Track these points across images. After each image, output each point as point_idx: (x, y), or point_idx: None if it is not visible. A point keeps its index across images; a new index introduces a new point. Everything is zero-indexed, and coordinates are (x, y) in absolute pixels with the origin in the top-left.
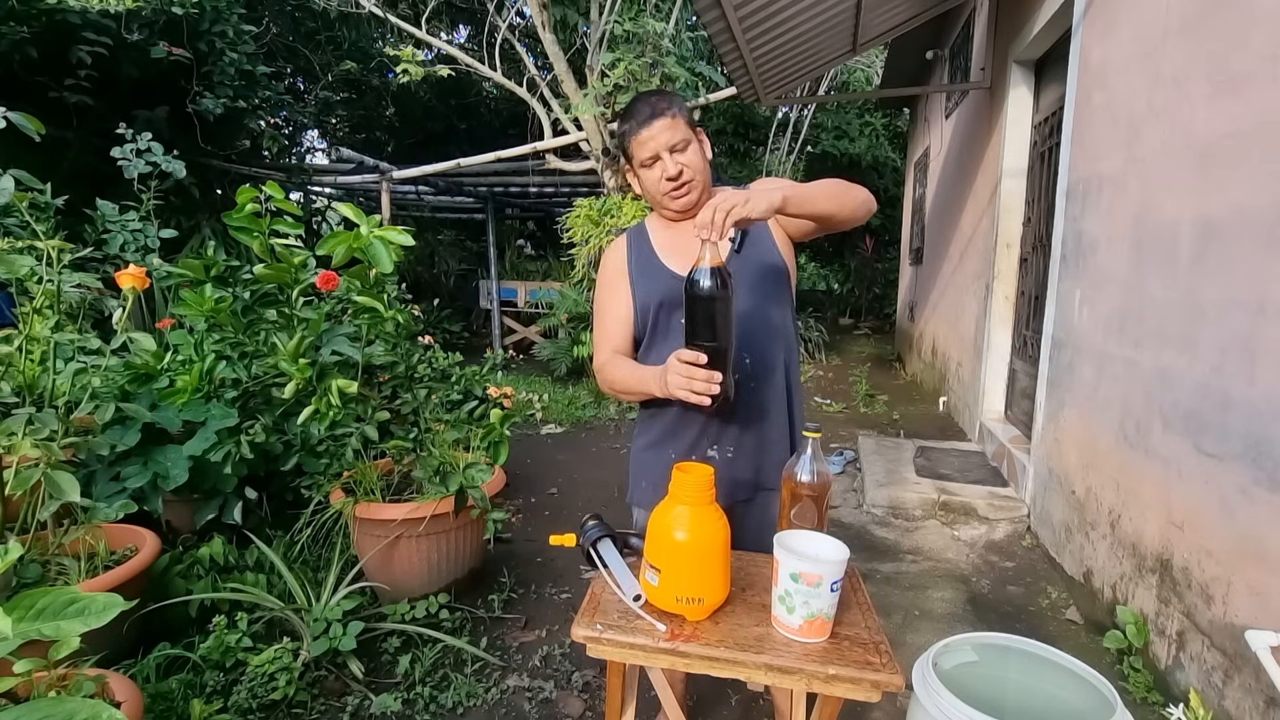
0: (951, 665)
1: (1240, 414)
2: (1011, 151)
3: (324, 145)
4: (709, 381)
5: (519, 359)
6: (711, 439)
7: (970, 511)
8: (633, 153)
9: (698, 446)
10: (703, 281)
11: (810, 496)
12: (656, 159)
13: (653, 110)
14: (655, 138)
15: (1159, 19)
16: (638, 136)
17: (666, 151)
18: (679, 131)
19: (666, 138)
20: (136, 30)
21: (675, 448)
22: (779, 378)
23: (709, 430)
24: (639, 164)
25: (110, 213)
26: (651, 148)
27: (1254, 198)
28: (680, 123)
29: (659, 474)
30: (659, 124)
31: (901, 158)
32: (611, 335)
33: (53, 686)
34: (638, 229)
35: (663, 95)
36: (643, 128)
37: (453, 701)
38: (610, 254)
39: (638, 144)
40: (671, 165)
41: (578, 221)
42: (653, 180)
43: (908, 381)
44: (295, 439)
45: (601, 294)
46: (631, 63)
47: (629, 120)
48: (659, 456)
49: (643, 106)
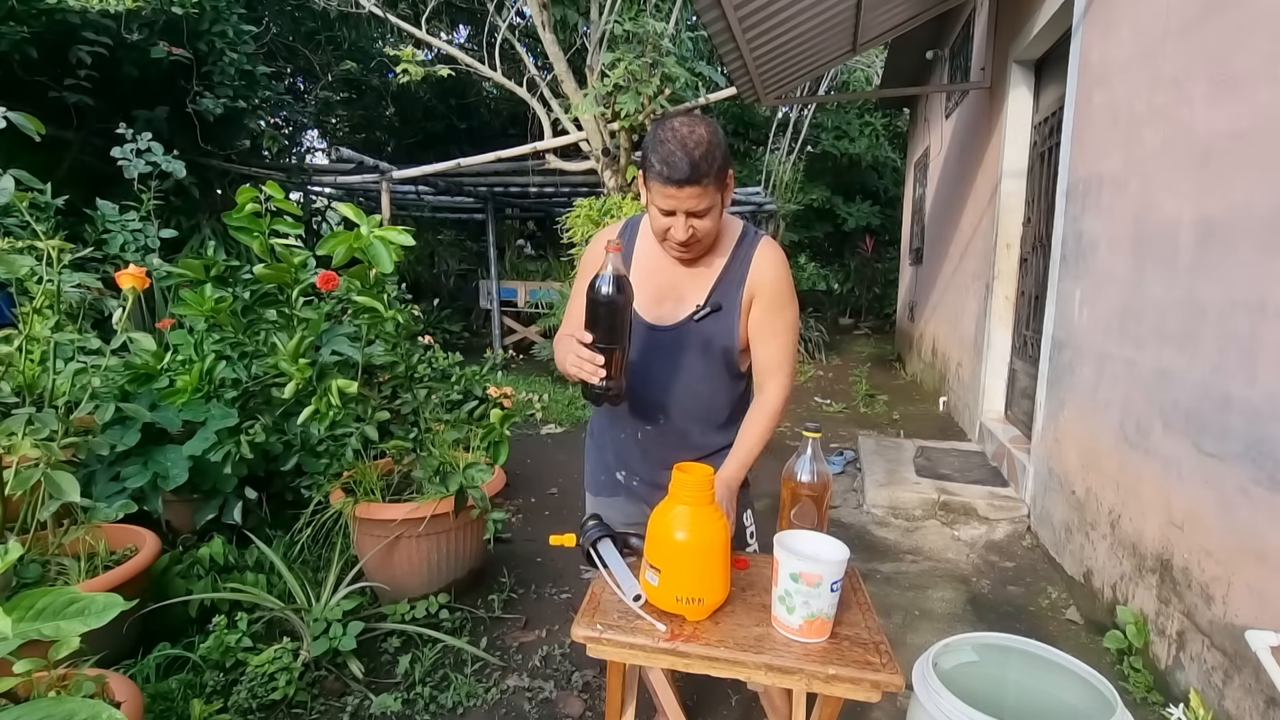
0: (951, 665)
1: (1240, 414)
2: (1011, 151)
3: (324, 145)
4: (595, 368)
5: (519, 359)
6: (621, 467)
7: (970, 511)
8: (651, 188)
9: (613, 465)
10: (603, 288)
11: (810, 496)
12: (673, 214)
13: (690, 172)
14: (681, 200)
15: (1159, 19)
16: (664, 189)
17: (684, 214)
18: (706, 199)
19: (691, 204)
20: (136, 30)
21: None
22: (698, 429)
23: (622, 459)
24: (653, 200)
25: (110, 213)
26: (671, 205)
27: (1254, 198)
28: (710, 191)
29: (593, 464)
30: (690, 190)
31: (901, 158)
32: (573, 317)
33: (53, 686)
34: (632, 225)
35: (706, 148)
36: (670, 185)
37: (453, 701)
38: (595, 245)
39: (660, 192)
40: (683, 230)
41: (578, 221)
42: (660, 225)
43: (908, 381)
44: (295, 439)
45: (579, 277)
46: (631, 63)
47: (660, 161)
48: (594, 446)
49: (680, 159)
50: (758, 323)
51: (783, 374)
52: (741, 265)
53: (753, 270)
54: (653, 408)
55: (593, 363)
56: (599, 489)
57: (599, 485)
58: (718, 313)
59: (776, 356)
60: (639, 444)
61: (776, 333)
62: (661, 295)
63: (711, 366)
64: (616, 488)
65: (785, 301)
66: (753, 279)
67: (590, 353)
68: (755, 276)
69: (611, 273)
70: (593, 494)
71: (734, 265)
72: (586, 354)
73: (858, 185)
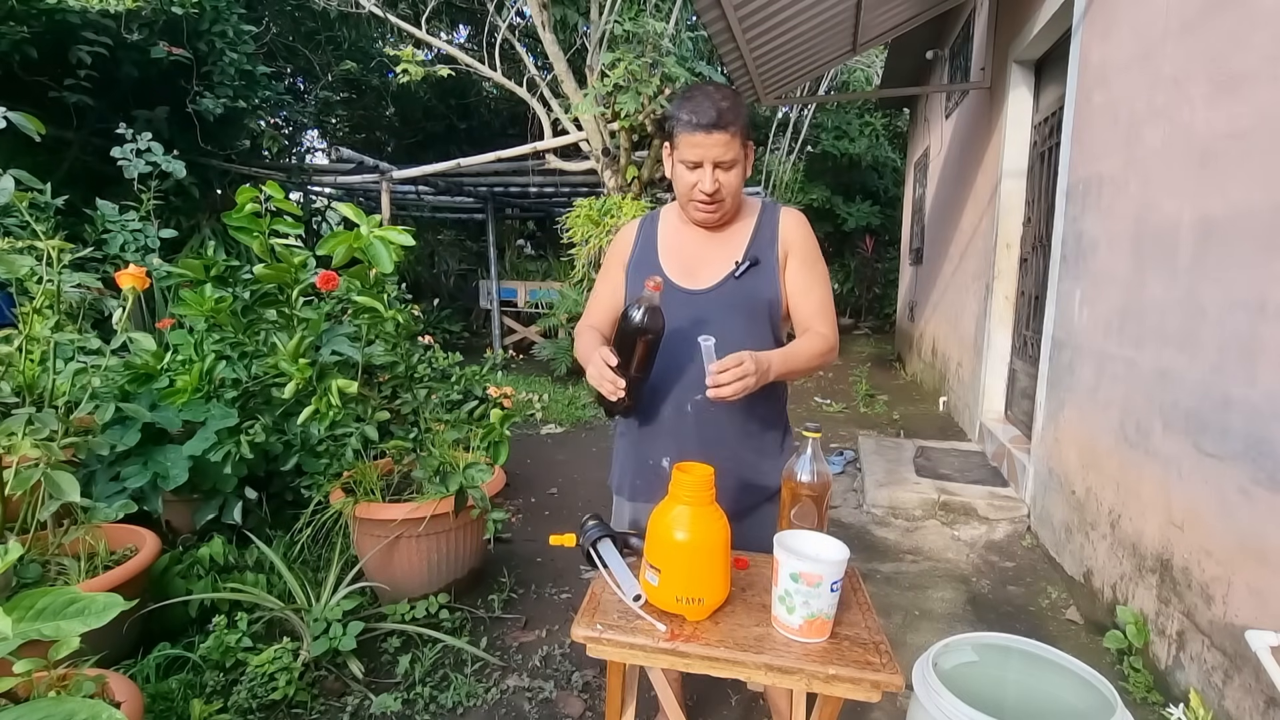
0: (951, 665)
1: (1240, 414)
2: (1011, 151)
3: (324, 145)
4: (615, 389)
5: (519, 359)
6: (665, 451)
7: (970, 511)
8: (678, 142)
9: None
10: (635, 316)
11: (810, 496)
12: (699, 166)
13: (718, 118)
14: (708, 148)
15: (1159, 19)
16: (691, 137)
17: (711, 165)
18: (731, 150)
19: (718, 152)
20: (136, 30)
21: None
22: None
23: (665, 443)
24: (679, 158)
25: (110, 213)
26: (699, 154)
27: (1254, 198)
28: (736, 142)
29: (626, 465)
30: (718, 137)
31: (901, 158)
32: (594, 310)
33: (53, 686)
34: (650, 219)
35: (732, 101)
36: (699, 131)
37: (453, 701)
38: (619, 238)
39: (688, 142)
40: (710, 181)
41: (578, 221)
42: (687, 183)
43: (908, 381)
44: (295, 439)
45: (603, 270)
46: (631, 63)
47: (689, 111)
48: (631, 451)
49: (708, 106)
50: (795, 277)
51: (828, 320)
52: (770, 226)
53: (782, 229)
54: (699, 375)
55: (614, 384)
56: (635, 492)
57: (635, 489)
58: (757, 266)
59: (818, 306)
60: (690, 416)
61: (814, 284)
62: (694, 265)
63: (756, 324)
64: (656, 484)
65: (817, 256)
66: (784, 237)
67: (614, 375)
68: (785, 234)
69: (646, 305)
70: (628, 498)
71: (763, 226)
72: (610, 375)
73: (858, 185)
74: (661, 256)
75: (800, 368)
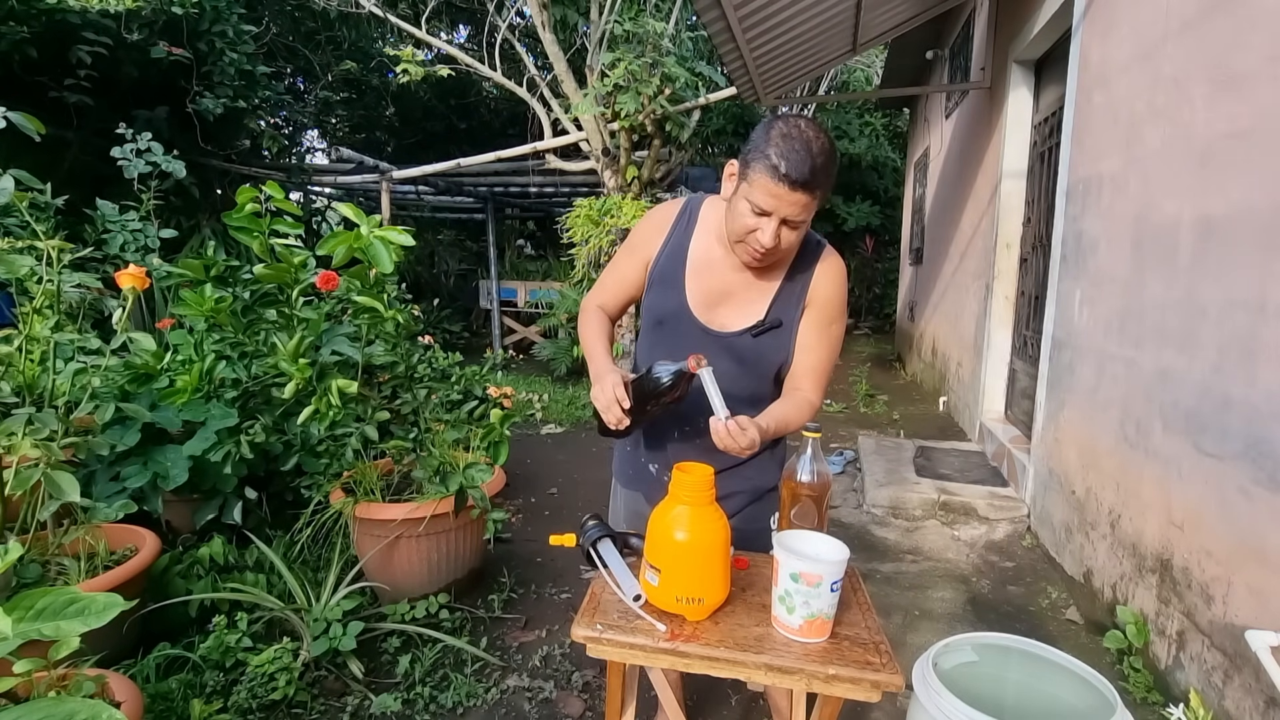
0: (951, 665)
1: (1240, 414)
2: (1011, 151)
3: (324, 145)
4: (618, 418)
5: (519, 359)
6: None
7: (970, 511)
8: (753, 181)
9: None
10: (664, 380)
11: (810, 496)
12: (766, 214)
13: (810, 178)
14: (785, 204)
15: (1159, 19)
16: (773, 186)
17: (779, 220)
18: (807, 211)
19: (794, 211)
20: (136, 30)
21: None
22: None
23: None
24: (748, 196)
25: (110, 213)
26: (772, 206)
27: (1254, 198)
28: (814, 203)
29: (623, 455)
30: (799, 197)
31: (901, 158)
32: (608, 289)
33: (53, 686)
34: (688, 216)
35: (827, 158)
36: (783, 183)
37: (453, 701)
38: (652, 224)
39: (765, 189)
40: (770, 236)
41: (578, 221)
42: (745, 225)
43: (908, 381)
44: (295, 439)
45: (625, 248)
46: (631, 63)
47: (780, 156)
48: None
49: (803, 159)
50: (805, 331)
51: (818, 384)
52: (803, 277)
53: (813, 284)
54: (698, 398)
55: (619, 420)
56: (628, 481)
57: (628, 478)
58: (777, 329)
59: (814, 366)
60: (676, 441)
61: (820, 345)
62: (715, 299)
63: (758, 377)
64: (644, 480)
65: (836, 315)
66: (813, 292)
67: (619, 411)
68: (815, 290)
69: (676, 370)
70: (623, 485)
71: (796, 274)
72: (618, 413)
73: (858, 185)
74: (688, 276)
75: (788, 423)
